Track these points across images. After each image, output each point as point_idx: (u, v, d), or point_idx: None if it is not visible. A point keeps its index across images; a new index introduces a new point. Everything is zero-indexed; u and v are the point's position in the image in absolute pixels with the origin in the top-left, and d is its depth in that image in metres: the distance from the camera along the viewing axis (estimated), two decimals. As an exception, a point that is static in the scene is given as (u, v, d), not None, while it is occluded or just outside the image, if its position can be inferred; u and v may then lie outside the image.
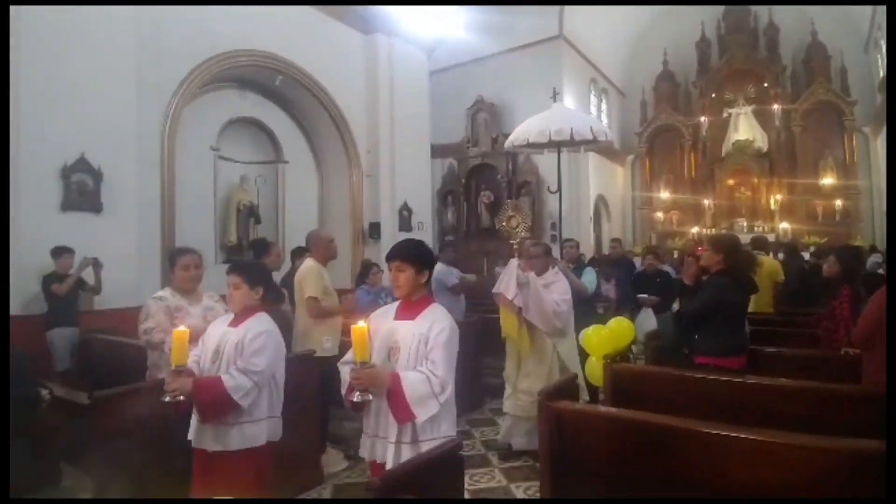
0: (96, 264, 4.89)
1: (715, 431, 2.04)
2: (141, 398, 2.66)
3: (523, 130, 5.51)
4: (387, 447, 1.96)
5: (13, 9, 4.61)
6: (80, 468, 3.02)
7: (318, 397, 3.62)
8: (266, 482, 2.38)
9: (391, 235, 8.68)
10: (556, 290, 3.89)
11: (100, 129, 5.15)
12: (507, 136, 13.12)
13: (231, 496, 2.07)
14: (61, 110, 4.88)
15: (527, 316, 3.76)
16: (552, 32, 12.83)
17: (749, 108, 14.61)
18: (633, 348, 4.09)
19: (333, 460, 3.87)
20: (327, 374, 3.69)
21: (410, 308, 2.10)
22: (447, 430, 2.00)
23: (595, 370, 3.54)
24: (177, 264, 3.03)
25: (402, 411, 1.88)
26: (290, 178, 8.77)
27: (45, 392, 2.87)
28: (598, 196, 15.04)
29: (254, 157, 8.49)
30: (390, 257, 2.13)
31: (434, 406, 1.90)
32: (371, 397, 1.92)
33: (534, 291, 3.73)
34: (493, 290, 3.88)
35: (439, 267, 5.70)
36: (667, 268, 6.81)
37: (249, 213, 8.13)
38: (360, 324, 1.88)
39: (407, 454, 1.91)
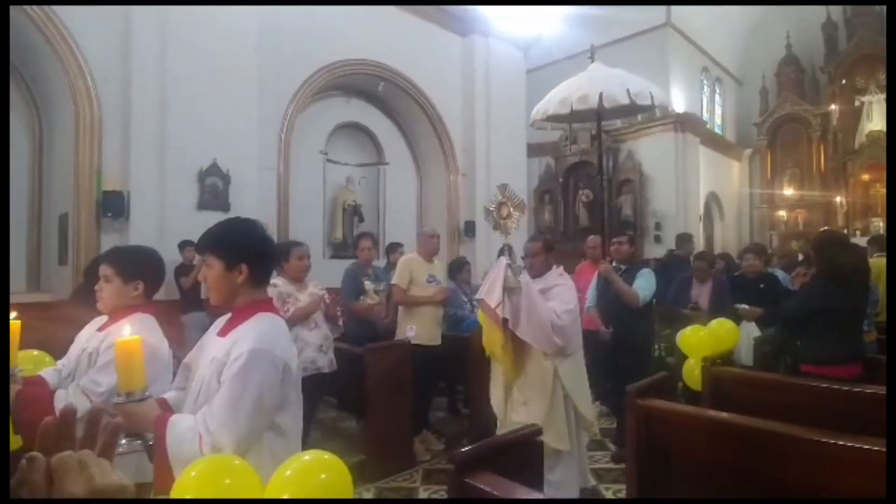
0: None
1: (822, 439, 1.90)
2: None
3: (543, 103, 4.21)
4: None
5: (164, 38, 5.36)
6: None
7: (411, 383, 3.80)
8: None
9: (485, 234, 8.79)
10: (557, 296, 3.00)
11: (228, 137, 5.80)
12: (606, 132, 12.78)
13: None
14: (198, 122, 5.57)
15: (514, 330, 2.90)
16: (658, 21, 12.23)
17: (882, 96, 12.87)
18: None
19: (429, 445, 4.05)
20: (424, 362, 3.89)
21: (232, 319, 1.53)
22: None
23: (692, 373, 3.38)
24: (292, 255, 3.38)
25: (161, 471, 1.30)
26: (391, 178, 9.21)
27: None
28: (710, 193, 14.05)
29: (358, 160, 9.04)
30: (196, 248, 1.63)
31: None
32: (141, 446, 1.31)
33: (526, 299, 2.88)
34: (476, 296, 3.17)
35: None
36: (776, 271, 5.61)
37: (354, 212, 8.67)
38: (126, 334, 1.27)
39: None
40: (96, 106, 5.22)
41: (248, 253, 1.50)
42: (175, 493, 1.30)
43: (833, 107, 13.59)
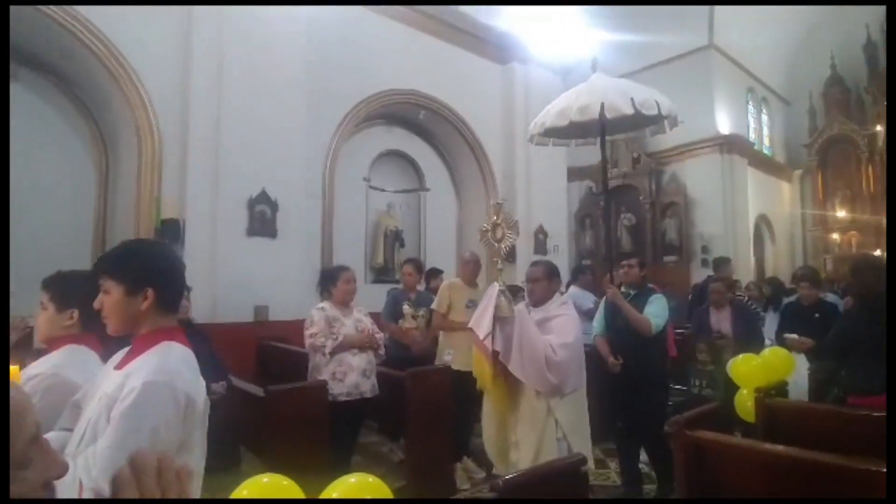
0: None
1: (880, 469, 1.79)
2: (304, 395, 3.08)
3: (541, 116, 3.84)
4: None
5: (220, 75, 5.69)
6: (255, 453, 3.55)
7: (450, 409, 3.79)
8: None
9: (526, 258, 8.75)
10: (556, 328, 2.71)
11: (276, 166, 6.05)
12: (649, 155, 12.65)
13: None
14: (249, 153, 5.84)
15: (506, 363, 2.61)
16: (700, 43, 12.09)
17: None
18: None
19: (470, 473, 4.01)
20: (463, 388, 3.88)
21: (131, 350, 1.36)
22: None
23: (745, 404, 3.24)
24: (339, 279, 3.48)
25: None
26: (432, 204, 9.35)
27: (217, 385, 3.04)
28: (760, 215, 13.57)
29: (399, 186, 9.23)
30: (94, 272, 1.45)
31: None
32: None
33: (519, 330, 2.59)
34: (469, 324, 2.80)
35: (574, 291, 5.65)
36: (832, 297, 5.21)
37: (395, 238, 8.82)
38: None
39: None
40: (157, 139, 5.57)
41: (155, 276, 1.36)
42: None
43: (879, 128, 13.02)
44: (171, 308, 1.41)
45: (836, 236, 13.80)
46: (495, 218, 2.81)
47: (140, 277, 1.34)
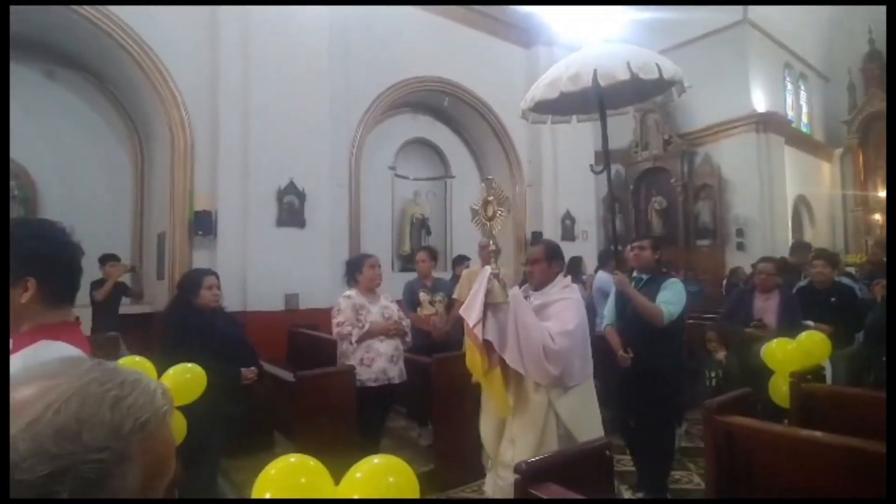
0: (135, 270, 5.50)
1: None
2: (332, 380, 3.15)
3: (531, 90, 3.47)
4: None
5: (247, 70, 5.78)
6: (287, 436, 3.65)
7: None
8: None
9: (554, 244, 8.69)
10: (556, 314, 2.49)
11: (303, 157, 6.13)
12: (681, 136, 12.31)
13: None
14: (277, 145, 5.94)
15: (501, 353, 2.40)
16: (735, 18, 11.64)
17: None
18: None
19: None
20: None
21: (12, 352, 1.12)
22: None
23: (779, 389, 3.16)
24: (364, 265, 3.54)
25: None
26: (457, 191, 9.33)
27: (247, 370, 3.05)
28: (798, 196, 13.08)
29: (425, 174, 9.24)
30: None
31: None
32: None
33: (514, 317, 2.39)
34: (460, 311, 2.57)
35: (602, 275, 5.59)
36: (849, 281, 4.81)
37: (421, 225, 8.86)
38: None
39: None
40: (189, 134, 5.72)
41: (35, 263, 1.11)
42: (256, 488, 1.42)
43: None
44: (59, 300, 1.17)
45: (878, 217, 13.21)
46: (486, 195, 2.55)
47: (16, 265, 1.10)
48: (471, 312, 2.40)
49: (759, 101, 11.80)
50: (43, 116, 6.25)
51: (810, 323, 3.65)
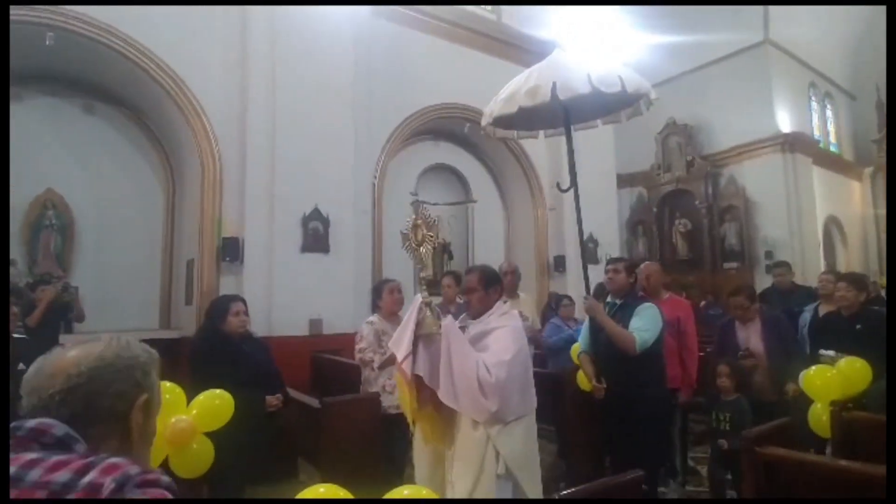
0: (66, 289, 4.89)
1: None
2: (357, 406, 3.13)
3: (490, 105, 3.37)
4: None
5: (273, 101, 5.96)
6: (312, 463, 3.63)
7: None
8: None
9: (576, 268, 8.59)
10: (494, 343, 2.28)
11: (327, 184, 6.24)
12: (704, 158, 12.20)
13: None
14: (302, 173, 6.06)
15: (434, 389, 2.21)
16: (755, 39, 11.61)
17: None
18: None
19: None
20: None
21: None
22: None
23: (819, 418, 3.04)
24: (384, 290, 3.55)
25: None
26: (479, 215, 9.36)
27: (272, 398, 3.02)
28: (829, 217, 12.77)
29: (446, 199, 9.30)
30: None
31: None
32: None
33: (447, 348, 2.19)
34: (388, 344, 2.43)
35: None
36: (881, 307, 4.25)
37: (443, 250, 8.88)
38: None
39: None
40: (218, 163, 5.88)
41: None
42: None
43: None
44: None
45: (915, 236, 12.78)
46: (415, 217, 2.40)
47: None
48: (399, 345, 2.21)
49: (784, 122, 11.65)
50: (81, 148, 6.51)
51: (830, 353, 3.36)
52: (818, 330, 3.75)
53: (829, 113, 13.77)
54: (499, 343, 2.26)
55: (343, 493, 1.47)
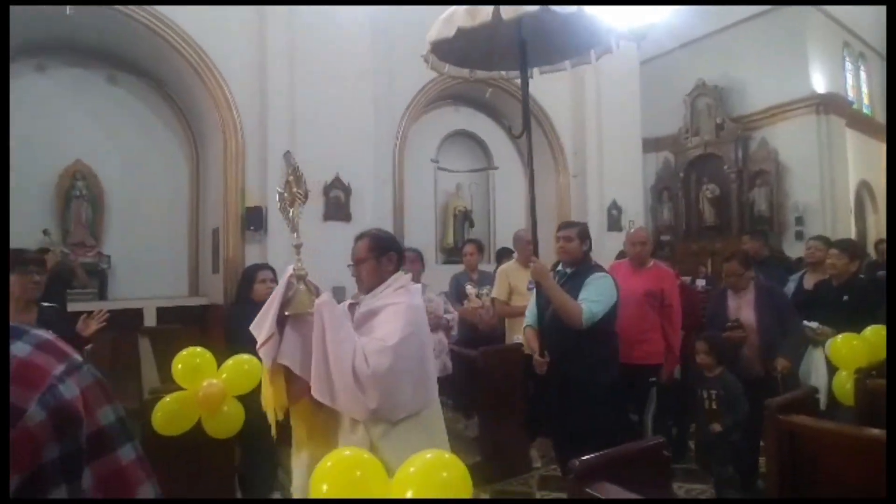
0: (66, 256, 4.75)
1: None
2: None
3: (430, 29, 3.00)
4: None
5: (293, 70, 5.92)
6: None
7: (523, 388, 3.80)
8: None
9: (599, 235, 8.51)
10: (380, 325, 1.85)
11: (348, 152, 6.24)
12: (734, 120, 11.77)
13: None
14: (323, 142, 6.06)
15: (303, 376, 1.80)
16: (790, -5, 10.99)
17: None
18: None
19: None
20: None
21: None
22: None
23: (843, 386, 3.01)
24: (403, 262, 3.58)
25: None
26: (500, 183, 9.27)
27: None
28: (861, 182, 12.30)
29: (467, 166, 9.22)
30: None
31: None
32: None
33: (321, 330, 1.76)
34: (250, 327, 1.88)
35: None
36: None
37: (464, 218, 8.86)
38: None
39: None
40: (240, 133, 5.91)
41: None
42: (314, 481, 1.47)
43: None
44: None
45: (955, 201, 12.26)
46: (288, 173, 2.03)
47: None
48: (261, 327, 1.80)
49: (819, 83, 11.13)
50: (106, 119, 6.61)
51: (814, 324, 3.21)
52: (804, 300, 3.53)
53: (862, 74, 13.09)
54: (385, 325, 1.82)
55: (367, 457, 1.52)
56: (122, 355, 4.49)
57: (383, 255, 2.03)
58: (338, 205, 6.14)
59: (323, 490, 1.41)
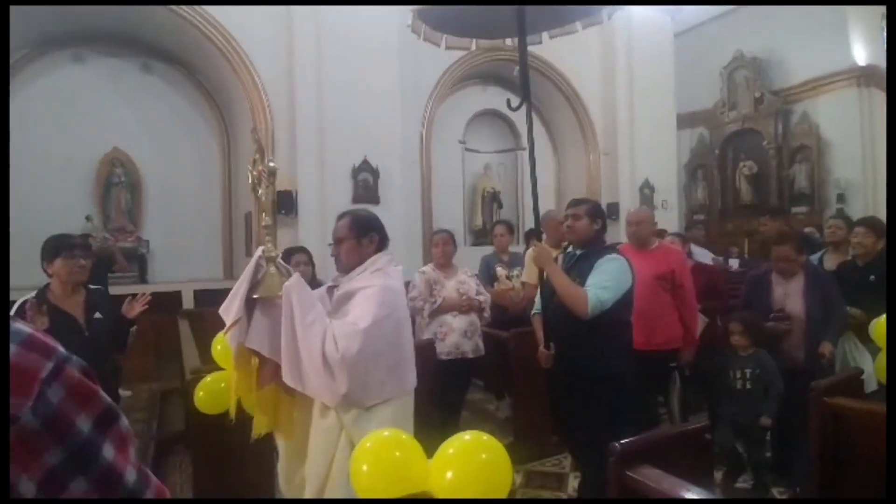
0: (106, 241, 5.09)
1: None
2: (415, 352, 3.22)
3: None
4: None
5: (320, 55, 5.90)
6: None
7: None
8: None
9: (631, 215, 8.34)
10: (354, 308, 1.80)
11: (375, 135, 6.23)
12: (774, 93, 11.29)
13: None
14: (351, 125, 6.07)
15: (274, 359, 1.76)
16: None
17: None
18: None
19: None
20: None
21: None
22: None
23: (885, 366, 2.90)
24: (431, 243, 3.59)
25: None
26: (529, 162, 9.14)
27: None
28: (910, 156, 11.68)
29: (495, 147, 9.12)
30: None
31: None
32: None
33: (289, 314, 1.71)
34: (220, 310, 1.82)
35: (693, 248, 5.31)
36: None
37: (493, 199, 8.80)
38: None
39: None
40: (269, 118, 5.96)
41: None
42: (354, 461, 1.49)
43: None
44: None
45: None
46: (255, 151, 1.94)
47: None
48: (229, 310, 1.74)
49: (860, 54, 10.55)
50: (142, 107, 6.76)
51: (855, 310, 3.06)
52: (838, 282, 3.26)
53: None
54: (358, 308, 1.77)
55: (406, 437, 1.53)
56: (164, 337, 4.65)
57: (364, 235, 2.00)
58: (366, 187, 6.16)
59: (363, 470, 1.43)
